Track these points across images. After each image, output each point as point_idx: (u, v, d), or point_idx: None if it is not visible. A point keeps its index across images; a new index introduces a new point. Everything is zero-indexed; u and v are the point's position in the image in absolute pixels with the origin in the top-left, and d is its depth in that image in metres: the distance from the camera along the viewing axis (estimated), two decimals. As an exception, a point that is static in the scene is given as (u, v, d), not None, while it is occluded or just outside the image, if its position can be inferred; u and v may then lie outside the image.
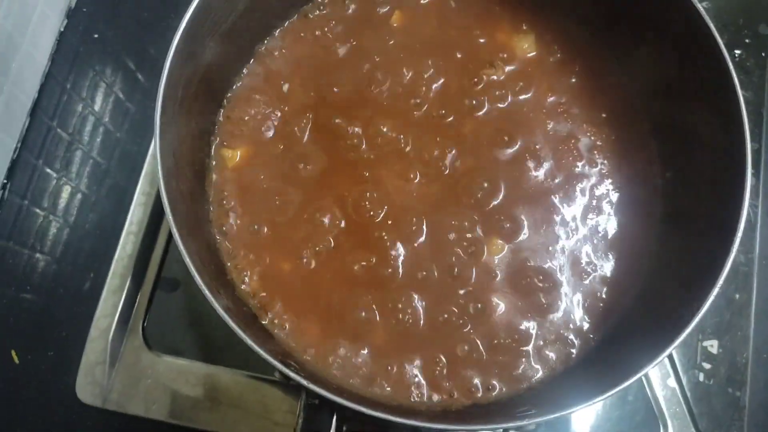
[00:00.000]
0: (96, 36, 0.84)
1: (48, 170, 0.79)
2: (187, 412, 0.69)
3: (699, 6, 0.55)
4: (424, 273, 0.60)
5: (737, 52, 0.82)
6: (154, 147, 0.52)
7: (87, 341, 0.71)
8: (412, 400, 0.57)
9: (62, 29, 0.83)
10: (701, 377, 0.72)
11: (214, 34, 0.60)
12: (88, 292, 0.74)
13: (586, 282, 0.61)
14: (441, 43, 0.67)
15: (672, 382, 0.71)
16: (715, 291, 0.50)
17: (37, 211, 0.78)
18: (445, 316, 0.59)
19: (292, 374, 0.47)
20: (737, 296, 0.75)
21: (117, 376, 0.70)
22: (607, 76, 0.66)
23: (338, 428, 0.52)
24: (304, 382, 0.47)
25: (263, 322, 0.59)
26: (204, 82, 0.60)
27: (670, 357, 0.72)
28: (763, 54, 0.82)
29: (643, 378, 0.70)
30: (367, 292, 0.60)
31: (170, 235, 0.75)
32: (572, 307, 0.60)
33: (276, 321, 0.60)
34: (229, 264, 0.61)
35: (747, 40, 0.82)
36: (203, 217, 0.61)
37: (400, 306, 0.59)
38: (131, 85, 0.83)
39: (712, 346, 0.73)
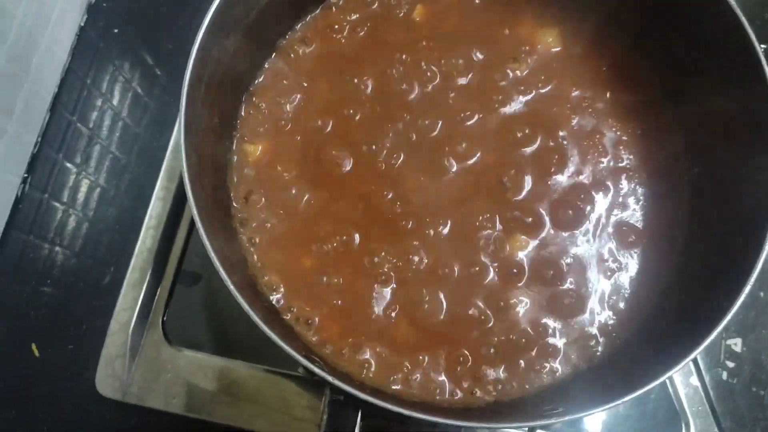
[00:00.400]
0: (116, 31, 0.84)
1: (68, 164, 0.79)
2: (206, 407, 0.69)
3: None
4: (447, 270, 0.60)
5: (763, 46, 0.81)
6: (177, 143, 0.52)
7: (107, 335, 0.71)
8: (435, 397, 0.57)
9: (82, 24, 0.83)
10: (725, 376, 0.71)
11: (238, 29, 0.59)
12: (108, 286, 0.74)
13: (611, 280, 0.60)
14: (463, 37, 0.66)
15: (695, 380, 0.71)
16: (746, 290, 0.49)
17: (57, 205, 0.78)
18: (468, 312, 0.59)
19: (317, 370, 0.47)
20: (762, 294, 0.74)
21: (137, 369, 0.70)
22: (633, 70, 0.65)
23: (365, 425, 0.51)
24: (330, 378, 0.47)
25: (285, 317, 0.59)
26: (226, 77, 0.60)
27: (694, 355, 0.71)
28: (789, 48, 0.81)
29: (666, 376, 0.70)
30: (390, 288, 0.59)
31: (190, 230, 0.75)
32: (596, 305, 0.60)
33: (297, 317, 0.59)
34: (250, 259, 0.61)
35: (773, 34, 0.81)
36: (225, 213, 0.61)
37: (422, 303, 0.59)
38: (150, 80, 0.83)
39: (736, 344, 0.72)
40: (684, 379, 0.70)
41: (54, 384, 0.72)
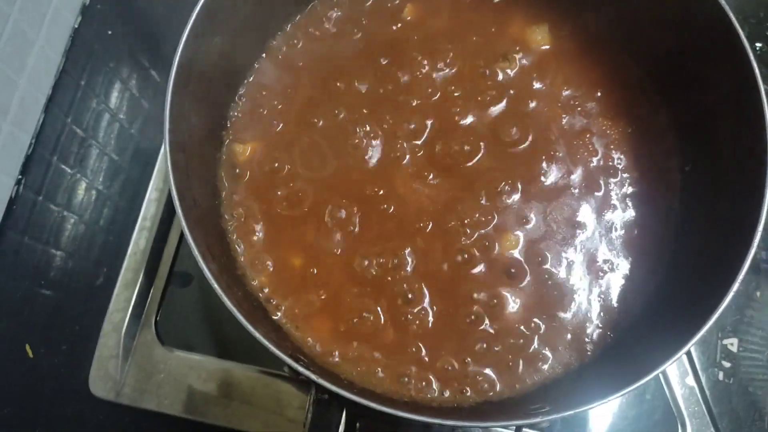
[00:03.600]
0: (110, 33, 0.84)
1: (62, 166, 0.80)
2: (199, 407, 0.69)
3: (721, -1, 0.53)
4: (436, 269, 0.59)
5: (758, 45, 0.80)
6: (164, 141, 0.51)
7: (100, 335, 0.71)
8: (424, 396, 0.56)
9: (76, 26, 0.84)
10: (721, 376, 0.71)
11: (226, 29, 0.59)
12: (102, 287, 0.74)
13: (602, 278, 0.60)
14: (453, 36, 0.66)
15: (690, 380, 0.70)
16: (735, 287, 0.48)
17: (52, 206, 0.78)
18: (458, 312, 0.58)
19: (300, 369, 0.46)
20: (758, 294, 0.73)
21: (130, 370, 0.70)
22: (624, 69, 0.65)
23: (351, 424, 0.51)
24: (313, 377, 0.46)
25: (274, 317, 0.59)
26: (215, 77, 0.60)
27: (689, 355, 0.70)
28: (784, 46, 0.80)
29: (661, 376, 0.69)
30: (379, 288, 0.59)
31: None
32: (588, 303, 0.59)
33: (287, 316, 0.59)
34: (239, 259, 0.61)
35: (768, 33, 0.81)
36: (214, 212, 0.61)
37: (410, 303, 0.58)
38: (144, 81, 0.84)
39: (732, 344, 0.72)
40: (680, 380, 0.70)
41: (47, 384, 0.72)
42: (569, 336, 0.59)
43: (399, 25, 0.67)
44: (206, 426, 0.69)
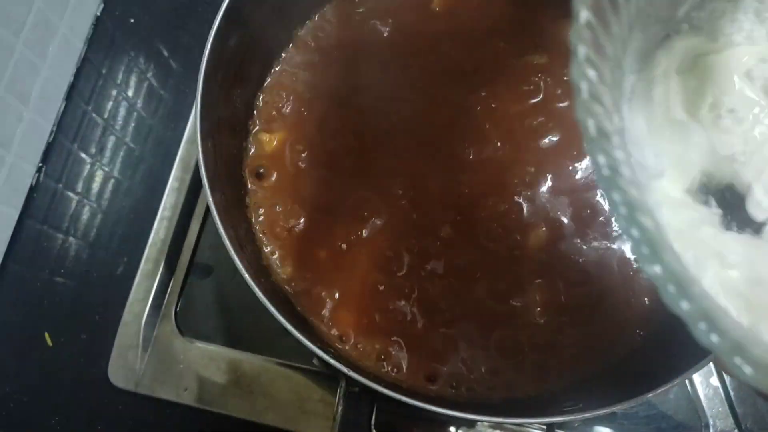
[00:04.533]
0: (132, 21, 0.84)
1: (83, 155, 0.79)
2: (217, 399, 0.68)
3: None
4: (465, 264, 0.59)
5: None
6: (193, 133, 0.51)
7: (120, 325, 0.71)
8: (451, 391, 0.56)
9: (98, 14, 0.83)
10: (746, 377, 0.70)
11: (254, 17, 0.59)
12: (121, 277, 0.74)
13: (633, 276, 0.59)
14: (483, 27, 0.65)
15: (715, 380, 0.69)
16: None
17: (71, 195, 0.78)
18: (486, 307, 0.58)
19: (332, 361, 0.46)
20: (785, 294, 0.72)
21: (149, 360, 0.70)
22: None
23: (379, 418, 0.51)
24: (345, 370, 0.46)
25: (299, 309, 0.59)
26: (243, 66, 0.60)
27: (714, 355, 0.69)
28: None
29: (685, 376, 0.68)
30: (407, 281, 0.58)
31: (204, 221, 0.75)
32: (618, 301, 0.59)
33: (312, 308, 0.59)
34: (264, 249, 0.60)
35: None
36: (240, 203, 0.61)
37: (439, 297, 0.58)
38: (165, 71, 0.83)
39: (758, 344, 0.71)
40: (704, 380, 0.69)
41: (67, 373, 0.72)
42: (598, 334, 0.58)
43: (428, 15, 0.66)
44: (225, 417, 0.68)
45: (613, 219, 0.60)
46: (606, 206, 0.61)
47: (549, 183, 0.61)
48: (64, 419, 0.71)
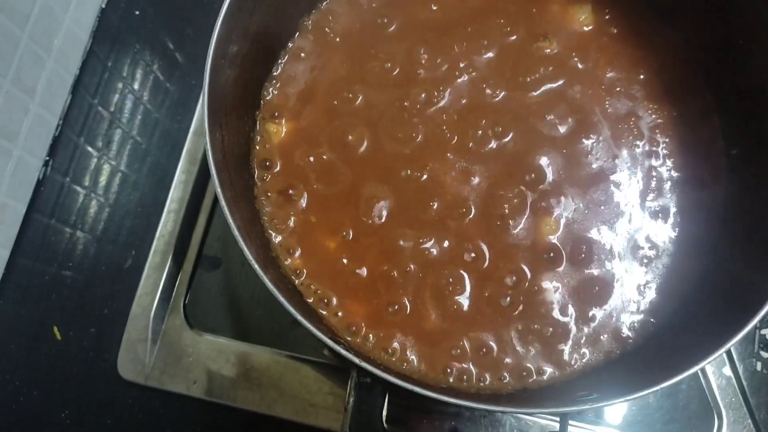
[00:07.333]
0: (137, 13, 0.83)
1: (89, 148, 0.79)
2: (227, 391, 0.68)
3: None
4: (474, 254, 0.58)
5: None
6: (200, 125, 0.50)
7: (129, 318, 0.71)
8: (462, 382, 0.55)
9: (103, 6, 0.83)
10: (759, 366, 0.69)
11: (260, 7, 0.58)
12: (129, 270, 0.74)
13: (645, 266, 0.59)
14: (491, 14, 0.65)
15: (727, 370, 0.68)
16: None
17: (78, 189, 0.78)
18: (496, 297, 0.57)
19: (344, 352, 0.45)
20: (799, 283, 0.71)
21: (158, 353, 0.70)
22: (668, 50, 0.63)
23: (391, 409, 0.50)
24: (357, 360, 0.45)
25: (308, 300, 0.58)
26: (250, 56, 0.59)
27: (727, 345, 0.69)
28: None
29: (698, 366, 0.68)
30: (416, 272, 0.58)
31: (211, 213, 0.75)
32: (630, 291, 0.58)
33: (321, 299, 0.58)
34: (273, 241, 0.60)
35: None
36: (248, 193, 0.60)
37: (448, 288, 0.57)
38: (170, 64, 0.83)
39: (772, 334, 0.70)
40: (717, 370, 0.68)
41: (76, 367, 0.72)
42: (610, 322, 0.57)
43: (435, 2, 0.65)
44: (235, 410, 0.68)
45: (625, 206, 0.60)
46: (620, 194, 0.60)
47: (561, 171, 0.60)
48: (74, 412, 0.71)
